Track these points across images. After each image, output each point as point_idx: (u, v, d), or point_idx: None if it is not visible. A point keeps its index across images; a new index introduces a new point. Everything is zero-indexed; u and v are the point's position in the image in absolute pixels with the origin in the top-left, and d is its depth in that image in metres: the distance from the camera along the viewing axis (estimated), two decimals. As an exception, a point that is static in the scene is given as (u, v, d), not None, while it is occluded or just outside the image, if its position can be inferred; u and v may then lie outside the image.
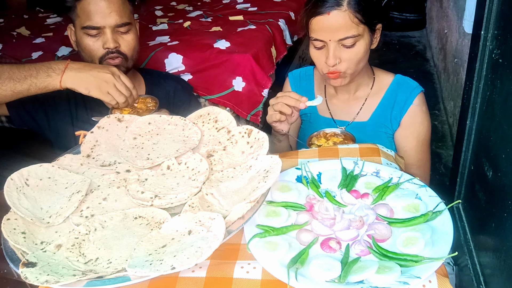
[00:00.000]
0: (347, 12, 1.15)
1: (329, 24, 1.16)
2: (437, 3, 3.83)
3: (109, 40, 1.33)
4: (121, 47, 1.36)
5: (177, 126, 1.06)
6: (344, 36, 1.16)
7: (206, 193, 0.88)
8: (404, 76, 1.36)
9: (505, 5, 0.82)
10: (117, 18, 1.32)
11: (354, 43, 1.18)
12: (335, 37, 1.17)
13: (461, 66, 2.67)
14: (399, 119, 1.32)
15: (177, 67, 1.92)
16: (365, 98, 1.36)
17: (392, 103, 1.33)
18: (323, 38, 1.18)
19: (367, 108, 1.36)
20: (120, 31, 1.35)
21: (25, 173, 0.93)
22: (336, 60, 1.19)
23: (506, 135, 0.77)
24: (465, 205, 1.01)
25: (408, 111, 1.31)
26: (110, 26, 1.32)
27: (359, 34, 1.17)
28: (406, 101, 1.31)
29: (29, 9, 2.76)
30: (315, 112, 1.41)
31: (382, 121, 1.34)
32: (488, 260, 0.84)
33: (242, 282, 0.75)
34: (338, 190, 0.96)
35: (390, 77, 1.36)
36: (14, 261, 0.77)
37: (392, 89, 1.34)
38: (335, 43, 1.17)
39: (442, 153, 2.80)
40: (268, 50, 2.10)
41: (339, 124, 1.38)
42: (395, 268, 0.74)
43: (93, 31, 1.32)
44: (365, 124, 1.36)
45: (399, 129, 1.33)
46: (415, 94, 1.30)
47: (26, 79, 1.17)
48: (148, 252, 0.76)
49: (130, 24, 1.36)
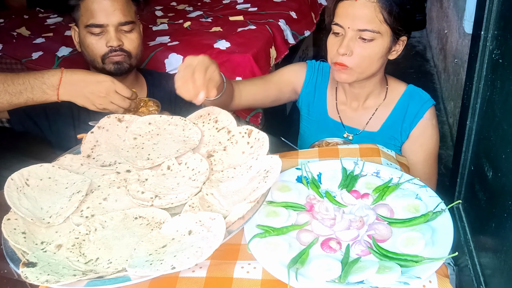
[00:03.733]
0: (374, 5, 1.12)
1: (354, 10, 1.14)
2: (437, 3, 3.84)
3: (113, 38, 1.32)
4: (125, 45, 1.35)
5: (177, 126, 1.06)
6: (364, 28, 1.13)
7: (206, 193, 0.88)
8: (416, 87, 1.33)
9: (505, 5, 0.82)
10: (121, 16, 1.32)
11: (372, 39, 1.15)
12: (355, 26, 1.14)
13: (461, 67, 2.67)
14: (408, 132, 1.30)
15: (177, 68, 1.92)
16: (375, 108, 1.33)
17: (403, 115, 1.30)
18: (343, 24, 1.15)
19: (377, 118, 1.33)
20: (123, 29, 1.34)
21: (25, 173, 0.93)
22: (348, 51, 1.16)
23: (506, 135, 0.77)
24: (465, 205, 1.01)
25: (418, 125, 1.29)
26: (113, 25, 1.31)
27: (379, 32, 1.14)
28: (417, 114, 1.28)
29: (29, 9, 2.76)
30: (324, 113, 1.39)
31: (392, 133, 1.32)
32: (488, 260, 0.84)
33: (242, 282, 0.75)
34: (338, 190, 0.96)
35: (402, 87, 1.33)
36: (14, 261, 0.77)
37: (404, 101, 1.31)
38: (353, 32, 1.15)
39: (442, 153, 2.80)
40: (266, 51, 2.10)
41: (349, 131, 1.36)
42: (395, 268, 0.74)
43: (96, 29, 1.32)
44: (375, 135, 1.33)
45: (407, 142, 1.31)
46: (426, 108, 1.28)
47: (21, 93, 1.15)
48: (149, 252, 0.76)
49: (133, 23, 1.36)
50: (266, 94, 1.37)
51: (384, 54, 1.19)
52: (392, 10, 1.13)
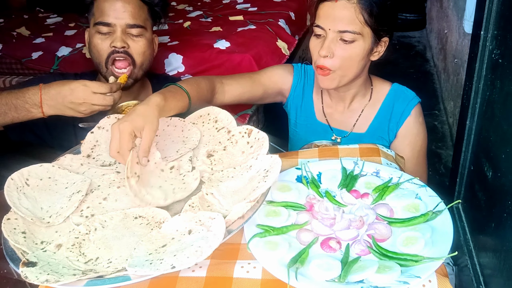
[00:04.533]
0: (354, 6, 1.12)
1: (334, 12, 1.14)
2: (437, 3, 3.84)
3: (118, 38, 1.30)
4: (130, 48, 1.32)
5: (176, 127, 1.06)
6: (344, 29, 1.13)
7: (206, 193, 0.88)
8: (401, 86, 1.33)
9: (505, 5, 0.82)
10: (130, 18, 1.31)
11: (353, 41, 1.14)
12: (335, 27, 1.14)
13: (461, 66, 2.67)
14: (396, 131, 1.31)
15: (177, 68, 1.92)
16: (361, 109, 1.33)
17: (389, 114, 1.31)
18: (324, 25, 1.15)
19: (363, 119, 1.33)
20: (131, 33, 1.32)
21: (25, 173, 0.93)
22: (329, 52, 1.15)
23: (506, 135, 0.77)
24: (465, 205, 1.01)
25: (405, 123, 1.29)
26: (121, 25, 1.30)
27: (360, 33, 1.14)
28: (403, 112, 1.29)
29: (29, 9, 2.76)
30: (312, 116, 1.39)
31: (379, 133, 1.32)
32: (488, 260, 0.84)
33: (242, 281, 0.75)
34: (338, 190, 0.96)
35: (387, 86, 1.33)
36: (14, 260, 0.77)
37: (389, 100, 1.32)
38: (334, 34, 1.15)
39: (442, 153, 2.81)
40: (271, 47, 2.07)
41: (337, 133, 1.36)
42: (395, 267, 0.74)
43: (104, 28, 1.30)
44: (363, 136, 1.33)
45: (395, 141, 1.32)
46: (412, 106, 1.29)
47: (6, 114, 1.15)
48: (148, 251, 0.76)
49: (143, 28, 1.34)
50: (252, 94, 1.35)
51: (365, 55, 1.19)
52: (373, 11, 1.13)
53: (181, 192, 0.92)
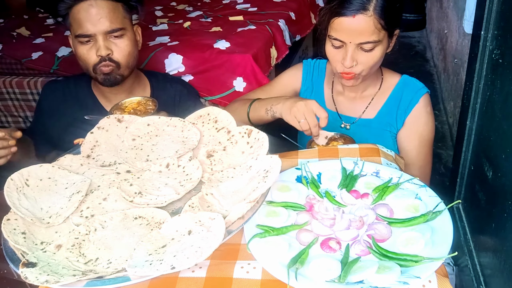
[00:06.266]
0: (372, 18, 1.14)
1: (353, 27, 1.15)
2: (437, 3, 3.83)
3: (101, 47, 1.31)
4: (114, 54, 1.34)
5: (176, 127, 1.06)
6: (365, 41, 1.16)
7: (206, 193, 0.88)
8: (410, 77, 1.36)
9: (505, 5, 0.82)
10: (108, 24, 1.31)
11: (373, 48, 1.18)
12: (355, 40, 1.16)
13: (461, 66, 2.67)
14: (403, 119, 1.33)
15: (177, 68, 1.93)
16: (371, 97, 1.37)
17: (398, 102, 1.34)
18: (344, 39, 1.17)
19: (373, 106, 1.37)
20: (112, 36, 1.33)
21: (25, 173, 0.93)
22: (353, 63, 1.19)
23: (506, 135, 0.77)
24: (465, 205, 1.01)
25: (412, 111, 1.31)
26: (101, 33, 1.31)
27: (380, 40, 1.17)
28: (411, 101, 1.31)
29: (29, 10, 2.76)
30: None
31: (387, 119, 1.35)
32: (488, 260, 0.84)
33: (242, 282, 0.75)
34: (338, 190, 0.96)
35: (396, 77, 1.37)
36: (14, 261, 0.77)
37: (398, 89, 1.35)
38: (354, 45, 1.17)
39: (442, 153, 2.81)
40: (267, 51, 2.10)
41: (345, 120, 1.39)
42: (395, 268, 0.74)
43: (85, 39, 1.32)
44: (371, 122, 1.36)
45: (403, 129, 1.34)
46: (420, 95, 1.31)
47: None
48: (148, 252, 0.76)
49: (123, 29, 1.35)
50: None
51: (384, 53, 1.23)
52: (386, 15, 1.16)
53: (188, 183, 0.92)
